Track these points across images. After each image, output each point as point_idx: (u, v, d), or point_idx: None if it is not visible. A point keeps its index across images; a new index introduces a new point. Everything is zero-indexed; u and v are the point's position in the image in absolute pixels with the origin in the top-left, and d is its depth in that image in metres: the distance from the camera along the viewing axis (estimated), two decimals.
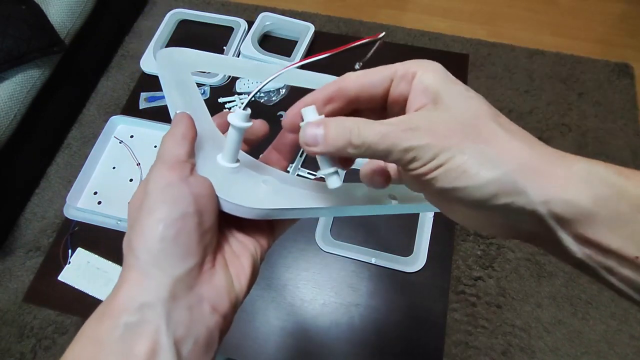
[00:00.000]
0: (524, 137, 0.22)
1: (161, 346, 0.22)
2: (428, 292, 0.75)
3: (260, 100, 0.95)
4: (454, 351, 1.21)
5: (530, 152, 0.21)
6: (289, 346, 0.72)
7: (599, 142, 1.51)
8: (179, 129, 0.27)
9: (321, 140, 0.23)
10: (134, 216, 0.25)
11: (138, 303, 0.22)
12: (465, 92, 0.23)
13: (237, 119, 0.27)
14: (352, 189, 0.31)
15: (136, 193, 0.26)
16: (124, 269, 0.24)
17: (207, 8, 1.85)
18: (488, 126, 0.22)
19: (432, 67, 0.24)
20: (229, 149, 0.28)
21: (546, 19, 1.81)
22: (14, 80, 1.27)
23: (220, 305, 0.25)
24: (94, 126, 1.62)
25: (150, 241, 0.23)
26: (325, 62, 0.27)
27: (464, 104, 0.22)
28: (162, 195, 0.24)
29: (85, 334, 0.23)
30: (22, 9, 1.23)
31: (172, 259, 0.23)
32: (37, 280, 0.79)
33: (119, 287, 0.24)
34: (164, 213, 0.24)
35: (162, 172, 0.25)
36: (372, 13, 1.83)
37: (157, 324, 0.22)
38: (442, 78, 0.23)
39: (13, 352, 1.27)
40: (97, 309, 0.24)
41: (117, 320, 0.22)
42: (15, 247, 1.42)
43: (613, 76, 1.64)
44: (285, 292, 0.76)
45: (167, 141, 0.26)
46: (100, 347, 0.21)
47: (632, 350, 1.20)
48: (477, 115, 0.22)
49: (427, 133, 0.21)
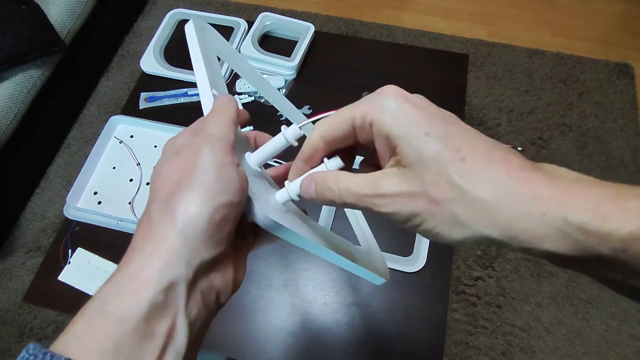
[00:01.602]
0: (489, 176, 0.21)
1: (178, 327, 0.22)
2: (428, 292, 0.75)
3: (261, 100, 0.95)
4: (454, 351, 1.21)
5: (493, 202, 0.20)
6: (289, 346, 0.72)
7: (599, 142, 1.51)
8: (228, 112, 0.26)
9: (314, 194, 0.26)
10: (177, 180, 0.23)
11: (167, 282, 0.22)
12: (423, 138, 0.22)
13: (290, 134, 0.27)
14: (336, 239, 0.33)
15: (175, 158, 0.24)
16: (151, 231, 0.23)
17: (207, 8, 1.85)
18: (451, 182, 0.21)
19: (386, 107, 0.23)
20: (264, 154, 0.28)
21: (546, 19, 1.81)
22: (14, 80, 1.27)
23: (223, 296, 0.26)
24: (94, 126, 1.62)
25: (196, 218, 0.22)
26: (326, 61, 0.27)
27: (425, 156, 0.22)
28: (217, 175, 0.23)
29: (105, 309, 0.21)
30: (22, 9, 1.23)
31: (208, 242, 0.23)
32: (37, 280, 0.79)
33: (145, 255, 0.22)
34: (216, 195, 0.23)
35: (216, 151, 0.24)
36: (372, 13, 1.83)
37: (178, 305, 0.22)
38: (398, 122, 0.22)
39: (13, 352, 1.27)
40: (113, 279, 0.22)
41: (142, 297, 0.21)
42: (15, 247, 1.42)
43: (613, 76, 1.64)
44: (285, 292, 0.76)
45: (218, 122, 0.26)
46: (123, 325, 0.20)
47: (632, 350, 1.20)
48: (439, 170, 0.21)
49: (395, 200, 0.22)
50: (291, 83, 0.98)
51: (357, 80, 0.98)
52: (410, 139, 0.22)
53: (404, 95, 0.23)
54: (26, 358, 0.19)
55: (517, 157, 0.22)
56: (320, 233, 0.30)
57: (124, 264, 0.23)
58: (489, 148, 0.22)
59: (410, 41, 1.74)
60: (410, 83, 0.97)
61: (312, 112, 0.93)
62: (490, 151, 0.21)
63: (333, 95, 0.96)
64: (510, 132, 1.53)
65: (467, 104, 1.58)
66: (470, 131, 0.23)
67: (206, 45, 0.32)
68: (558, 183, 0.20)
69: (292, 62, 0.95)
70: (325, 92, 0.96)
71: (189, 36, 0.32)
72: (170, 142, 0.27)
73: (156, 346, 0.21)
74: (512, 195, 0.20)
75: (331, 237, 0.32)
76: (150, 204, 0.24)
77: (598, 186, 0.19)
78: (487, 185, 0.20)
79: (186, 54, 0.30)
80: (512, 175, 0.20)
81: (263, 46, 1.00)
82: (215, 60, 0.33)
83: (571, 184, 0.20)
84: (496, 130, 1.54)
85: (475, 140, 0.22)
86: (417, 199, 0.22)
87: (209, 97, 0.28)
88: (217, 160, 0.24)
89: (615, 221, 0.18)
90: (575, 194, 0.19)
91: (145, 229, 0.23)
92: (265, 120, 0.74)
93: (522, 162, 0.21)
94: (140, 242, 0.23)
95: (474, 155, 0.21)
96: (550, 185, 0.20)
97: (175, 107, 0.96)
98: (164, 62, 1.00)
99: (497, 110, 1.58)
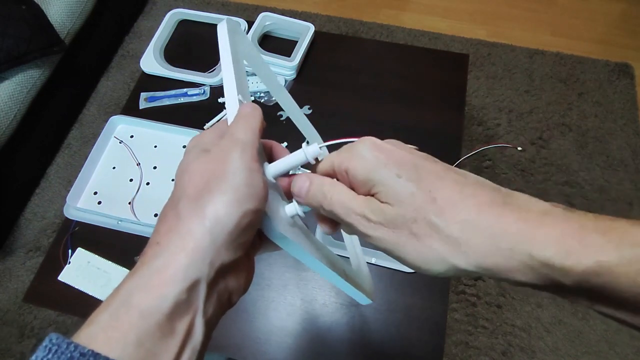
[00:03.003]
0: (460, 214, 0.22)
1: (197, 325, 0.23)
2: (428, 292, 0.75)
3: (261, 100, 0.95)
4: (454, 351, 1.21)
5: (465, 238, 0.22)
6: (289, 346, 0.72)
7: (599, 142, 1.51)
8: (255, 120, 0.27)
9: (304, 194, 0.27)
10: (206, 180, 0.23)
11: (191, 280, 0.22)
12: (396, 179, 0.24)
13: (310, 152, 0.28)
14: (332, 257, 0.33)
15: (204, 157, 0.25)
16: (179, 226, 0.23)
17: (207, 8, 1.85)
18: (427, 219, 0.23)
19: (360, 156, 0.25)
20: (282, 167, 0.28)
21: (546, 19, 1.81)
22: (14, 80, 1.27)
23: (235, 296, 0.26)
24: (94, 126, 1.62)
25: (225, 220, 0.23)
26: (326, 61, 0.27)
27: (400, 196, 0.23)
28: (248, 180, 0.23)
29: (130, 302, 0.21)
30: (22, 9, 1.23)
31: (231, 245, 0.23)
32: (37, 280, 0.79)
33: (171, 251, 0.22)
34: (245, 200, 0.23)
35: (246, 156, 0.24)
36: (372, 13, 1.83)
37: (198, 303, 0.23)
38: (370, 167, 0.24)
39: (13, 352, 1.27)
40: (139, 272, 0.22)
41: (168, 293, 0.21)
42: (15, 247, 1.42)
43: (613, 76, 1.64)
44: (285, 292, 0.76)
45: (246, 129, 0.26)
46: (147, 320, 0.21)
47: (632, 350, 1.20)
48: (415, 209, 0.23)
49: (380, 227, 0.24)
50: (291, 83, 0.98)
51: (357, 80, 0.98)
52: (384, 181, 0.24)
53: (375, 144, 0.25)
54: (49, 348, 0.19)
55: (487, 191, 0.23)
56: (319, 249, 0.31)
57: (150, 258, 0.23)
58: (459, 185, 0.23)
59: (410, 41, 1.74)
60: (410, 83, 0.97)
61: (312, 112, 0.94)
62: (460, 188, 0.23)
63: (333, 95, 0.96)
64: (510, 132, 1.53)
65: (467, 104, 1.58)
66: (439, 170, 0.24)
67: (237, 47, 0.32)
68: (525, 217, 0.21)
69: (292, 62, 0.95)
70: (325, 92, 0.96)
71: (220, 37, 0.31)
72: (196, 139, 0.27)
73: (176, 342, 0.21)
74: (482, 232, 0.21)
75: (328, 254, 0.32)
76: (177, 199, 0.24)
77: (563, 220, 0.20)
78: (458, 223, 0.22)
79: (186, 53, 0.30)
80: (482, 211, 0.22)
81: (263, 46, 1.00)
82: (242, 65, 0.32)
83: (539, 217, 0.21)
84: (496, 130, 1.54)
85: (445, 179, 0.23)
86: (400, 231, 0.23)
87: (235, 102, 0.28)
88: (246, 165, 0.24)
89: (576, 256, 0.19)
90: (541, 229, 0.20)
91: (172, 224, 0.23)
92: (267, 119, 0.74)
93: (492, 196, 0.22)
94: (166, 237, 0.23)
95: (445, 195, 0.23)
96: (517, 220, 0.21)
97: (175, 107, 0.96)
98: (164, 62, 1.00)
99: (497, 110, 1.58)
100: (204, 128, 0.90)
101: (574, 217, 0.21)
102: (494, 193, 0.23)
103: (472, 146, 1.50)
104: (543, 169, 1.45)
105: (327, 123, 0.91)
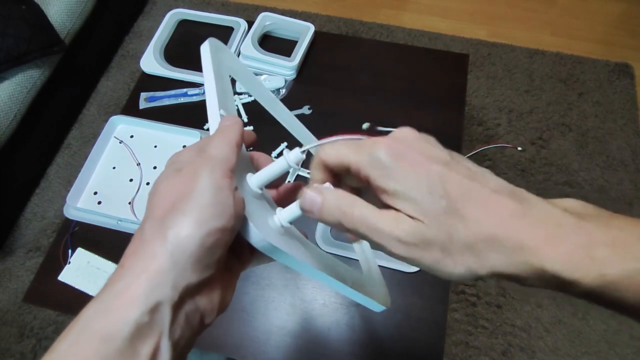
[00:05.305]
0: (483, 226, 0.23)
1: (162, 349, 0.22)
2: (428, 292, 0.75)
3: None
4: (454, 351, 1.21)
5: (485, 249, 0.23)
6: (289, 346, 0.72)
7: (599, 142, 1.51)
8: (232, 134, 0.26)
9: (317, 210, 0.25)
10: (173, 200, 0.24)
11: (153, 302, 0.22)
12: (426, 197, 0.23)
13: (292, 158, 0.27)
14: (336, 264, 0.32)
15: (175, 177, 0.25)
16: (142, 249, 0.23)
17: (207, 8, 1.85)
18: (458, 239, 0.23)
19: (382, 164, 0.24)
20: (265, 177, 0.28)
21: (546, 19, 1.81)
22: (14, 80, 1.27)
23: (208, 318, 0.26)
24: (94, 126, 1.62)
25: (187, 241, 0.23)
26: (326, 61, 0.27)
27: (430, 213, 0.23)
28: (213, 199, 0.23)
29: (91, 327, 0.21)
30: (22, 9, 1.23)
31: (196, 266, 0.23)
32: (37, 280, 0.79)
33: (133, 274, 0.22)
34: (210, 219, 0.23)
35: (215, 174, 0.24)
36: (372, 13, 1.83)
37: (163, 326, 0.22)
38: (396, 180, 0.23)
39: (13, 352, 1.27)
40: (101, 296, 0.22)
41: (128, 317, 0.21)
42: (15, 247, 1.42)
43: (613, 76, 1.64)
44: (285, 292, 0.76)
45: (221, 144, 0.26)
46: (108, 345, 0.21)
47: (632, 350, 1.20)
48: (448, 229, 0.23)
49: (412, 250, 0.23)
50: (291, 83, 0.98)
51: (357, 80, 0.98)
52: (416, 198, 0.23)
53: (396, 151, 0.24)
54: None
55: (507, 200, 0.23)
56: (319, 258, 0.30)
57: (113, 281, 0.23)
58: (484, 198, 0.23)
59: (410, 41, 1.74)
60: (410, 83, 0.97)
61: (311, 112, 0.93)
62: (485, 202, 0.23)
63: (333, 95, 0.96)
64: (510, 132, 1.53)
65: (467, 104, 1.58)
66: (462, 179, 0.23)
67: (220, 64, 0.32)
68: (541, 233, 0.22)
69: (292, 62, 0.95)
70: (325, 92, 0.96)
71: (203, 55, 0.32)
72: (174, 157, 0.27)
73: None
74: (504, 247, 0.22)
75: (330, 262, 0.32)
76: (145, 221, 0.24)
77: (574, 232, 0.22)
78: (484, 240, 0.22)
79: (186, 53, 0.31)
80: (505, 226, 0.22)
81: (263, 46, 1.00)
82: (227, 80, 0.33)
83: (553, 230, 0.22)
84: (496, 130, 1.54)
85: (471, 191, 0.23)
86: (431, 248, 0.23)
87: (217, 116, 0.28)
88: (214, 183, 0.24)
89: (582, 270, 0.21)
90: (553, 243, 0.21)
91: (137, 245, 0.23)
92: (264, 120, 0.74)
93: (513, 208, 0.23)
94: (130, 259, 0.23)
95: (472, 213, 0.23)
96: (534, 236, 0.22)
97: (175, 107, 0.96)
98: (164, 62, 1.00)
99: (497, 110, 1.58)
100: (204, 128, 0.90)
101: (586, 230, 0.21)
102: (514, 204, 0.23)
103: (472, 146, 1.50)
104: (543, 169, 1.45)
105: (327, 123, 0.91)
